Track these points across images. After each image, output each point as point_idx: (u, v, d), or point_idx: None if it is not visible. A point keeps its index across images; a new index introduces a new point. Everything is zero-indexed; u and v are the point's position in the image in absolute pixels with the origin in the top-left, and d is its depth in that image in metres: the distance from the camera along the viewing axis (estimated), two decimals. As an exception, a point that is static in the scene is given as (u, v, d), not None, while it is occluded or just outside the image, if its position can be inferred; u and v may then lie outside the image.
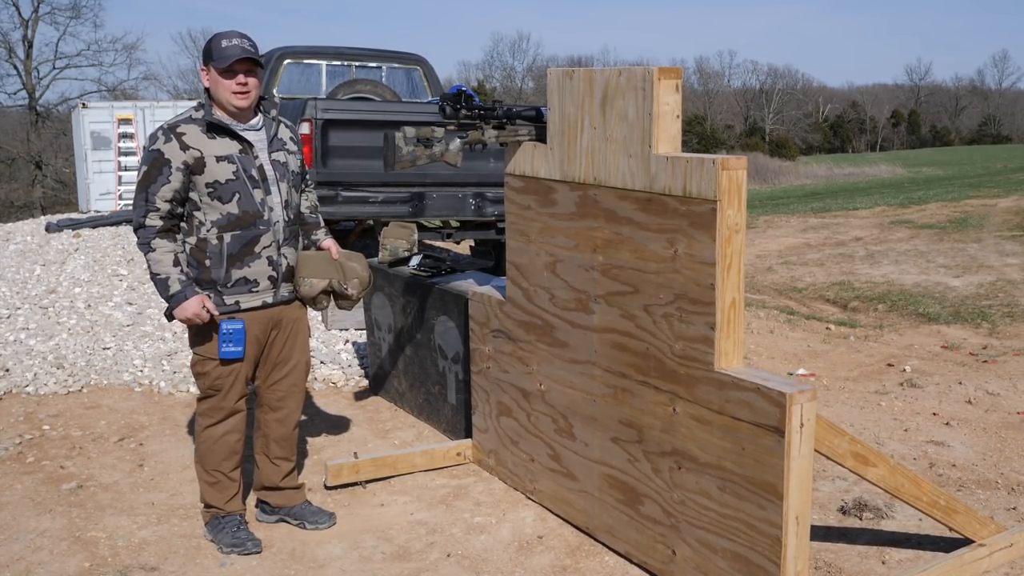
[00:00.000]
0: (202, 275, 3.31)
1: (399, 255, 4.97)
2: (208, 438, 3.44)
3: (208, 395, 3.41)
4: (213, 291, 3.32)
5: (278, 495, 3.65)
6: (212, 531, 3.48)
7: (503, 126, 3.65)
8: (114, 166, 16.79)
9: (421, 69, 8.82)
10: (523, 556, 3.40)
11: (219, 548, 3.42)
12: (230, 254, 3.30)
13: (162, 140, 3.23)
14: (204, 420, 3.44)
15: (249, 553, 3.39)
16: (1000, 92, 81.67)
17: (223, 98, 3.26)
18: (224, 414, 3.43)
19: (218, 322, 3.31)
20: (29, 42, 34.82)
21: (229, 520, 3.47)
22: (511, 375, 3.86)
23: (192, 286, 3.26)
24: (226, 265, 3.30)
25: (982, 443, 4.52)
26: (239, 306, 3.36)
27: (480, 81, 61.84)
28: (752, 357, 6.03)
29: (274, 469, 3.63)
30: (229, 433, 3.45)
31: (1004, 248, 10.61)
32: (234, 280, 3.32)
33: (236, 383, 3.41)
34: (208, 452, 3.45)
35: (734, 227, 2.77)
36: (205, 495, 3.50)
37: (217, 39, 3.25)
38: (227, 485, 3.47)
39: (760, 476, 2.69)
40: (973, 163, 40.33)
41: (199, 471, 3.50)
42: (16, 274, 8.12)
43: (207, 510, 3.51)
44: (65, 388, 5.30)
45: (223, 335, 3.31)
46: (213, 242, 3.28)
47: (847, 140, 71.58)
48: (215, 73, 3.23)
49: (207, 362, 3.37)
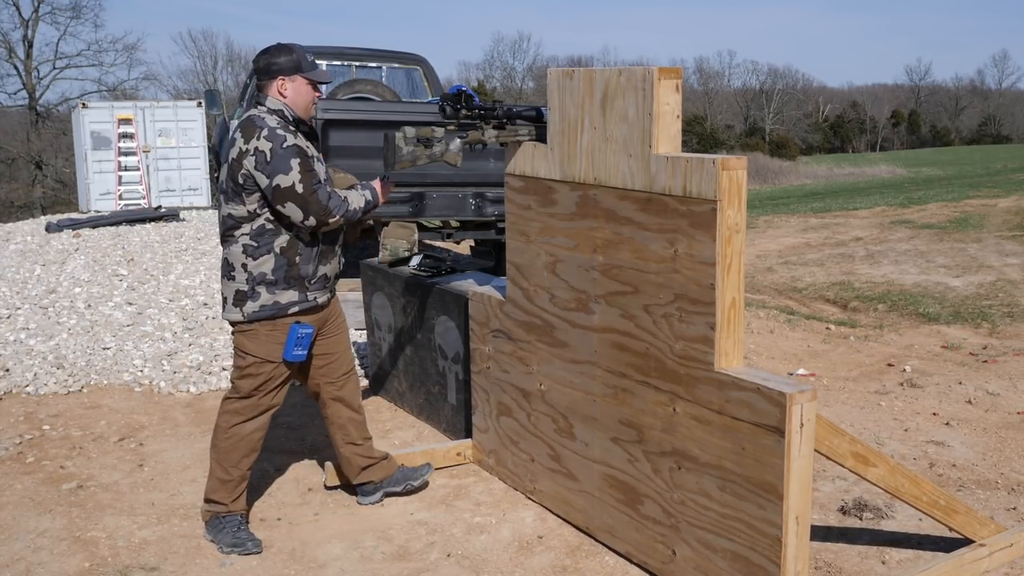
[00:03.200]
0: (290, 272, 3.39)
1: (399, 255, 4.97)
2: (234, 435, 3.48)
3: (249, 396, 3.46)
4: (299, 288, 3.41)
5: (377, 470, 3.80)
6: (212, 531, 3.49)
7: (503, 126, 3.66)
8: (114, 166, 16.81)
9: (421, 69, 8.81)
10: (523, 556, 3.40)
11: (219, 548, 3.42)
12: (321, 251, 3.45)
13: (290, 137, 3.32)
14: (233, 418, 3.48)
15: (249, 553, 3.39)
16: (1000, 92, 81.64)
17: (303, 103, 3.42)
18: (258, 412, 3.50)
19: (290, 324, 3.40)
20: (29, 42, 34.82)
21: (230, 520, 3.48)
22: (511, 375, 3.86)
23: (361, 184, 3.55)
24: (316, 260, 3.43)
25: (982, 443, 4.52)
26: (316, 302, 3.48)
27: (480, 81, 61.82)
28: (752, 357, 6.03)
29: (364, 449, 3.78)
30: (256, 431, 3.52)
31: (1004, 248, 10.61)
32: (318, 276, 3.46)
33: (283, 384, 3.51)
34: (231, 449, 3.48)
35: (734, 227, 2.77)
36: (213, 491, 3.50)
37: (302, 53, 3.41)
38: (239, 483, 3.51)
39: (760, 476, 2.69)
40: (973, 163, 40.32)
41: (214, 467, 3.51)
42: (16, 274, 8.12)
43: (208, 508, 3.52)
44: (65, 388, 5.30)
45: (297, 338, 3.40)
46: (306, 239, 3.40)
47: (847, 140, 71.58)
48: (301, 82, 3.39)
49: (264, 364, 3.43)
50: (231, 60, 51.22)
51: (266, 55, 3.41)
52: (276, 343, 3.40)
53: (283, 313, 3.39)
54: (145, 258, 8.75)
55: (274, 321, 3.40)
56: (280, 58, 3.38)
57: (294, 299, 3.40)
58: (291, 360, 3.43)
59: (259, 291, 3.37)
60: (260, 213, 3.34)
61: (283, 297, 3.39)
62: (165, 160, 17.26)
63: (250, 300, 3.37)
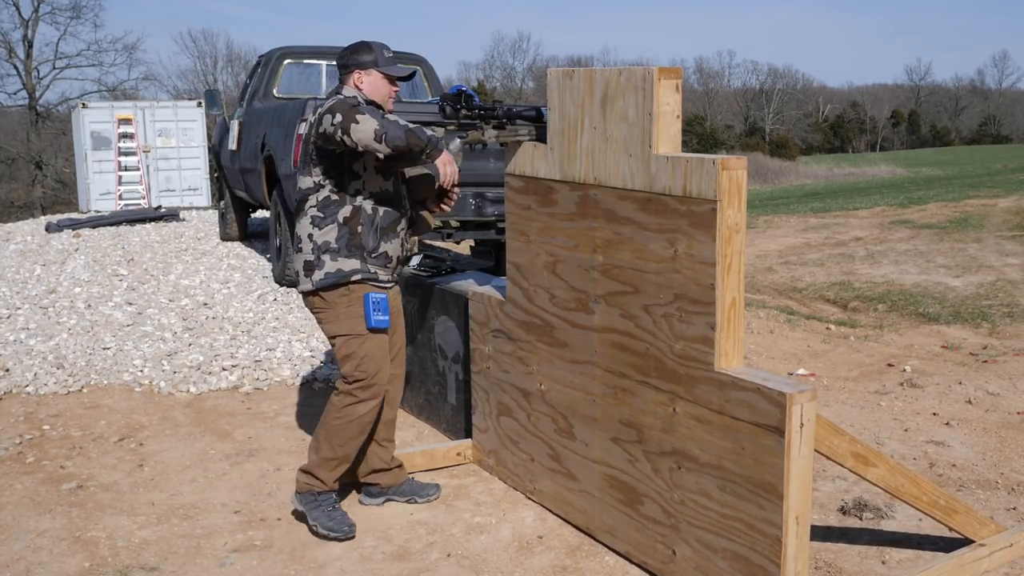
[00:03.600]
0: (352, 241, 3.49)
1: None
2: (346, 415, 3.54)
3: (357, 378, 3.52)
4: (360, 258, 3.50)
5: (387, 475, 3.82)
6: (306, 504, 3.56)
7: (503, 126, 3.66)
8: (114, 166, 16.82)
9: (421, 69, 8.81)
10: (523, 556, 3.40)
11: (314, 528, 3.50)
12: (382, 226, 3.53)
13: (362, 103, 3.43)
14: (347, 399, 3.54)
15: (345, 538, 3.48)
16: (1000, 92, 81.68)
17: (380, 96, 3.58)
18: (370, 394, 3.55)
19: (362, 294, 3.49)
20: (29, 42, 34.83)
21: (325, 498, 3.57)
22: (511, 375, 3.86)
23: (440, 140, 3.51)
24: (376, 234, 3.51)
25: (982, 443, 4.52)
26: (378, 277, 3.55)
27: (480, 81, 61.83)
28: (752, 357, 6.03)
29: (383, 451, 3.80)
30: (367, 414, 3.58)
31: (1004, 248, 10.61)
32: (379, 251, 3.54)
33: (384, 358, 3.58)
34: (341, 429, 3.54)
35: (734, 227, 2.77)
36: (316, 466, 3.56)
37: (380, 50, 3.57)
38: (341, 463, 3.58)
39: (760, 476, 2.69)
40: (973, 163, 40.32)
41: (322, 444, 3.56)
42: (16, 274, 8.12)
43: (307, 481, 3.57)
44: (65, 388, 5.30)
45: (373, 304, 3.49)
46: (368, 211, 3.50)
47: (847, 140, 71.58)
48: (377, 75, 3.55)
49: (353, 340, 3.52)
50: (231, 60, 51.27)
51: (347, 51, 3.58)
52: (356, 316, 3.50)
53: (346, 280, 3.48)
54: (145, 258, 8.75)
55: (349, 296, 3.49)
56: (358, 54, 3.56)
57: (356, 267, 3.50)
58: (375, 326, 3.51)
59: (323, 259, 3.49)
60: (324, 184, 3.48)
61: (345, 265, 3.49)
62: (165, 160, 17.27)
63: (316, 269, 3.50)
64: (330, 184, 3.48)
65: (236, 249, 9.31)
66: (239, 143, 8.61)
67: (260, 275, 7.94)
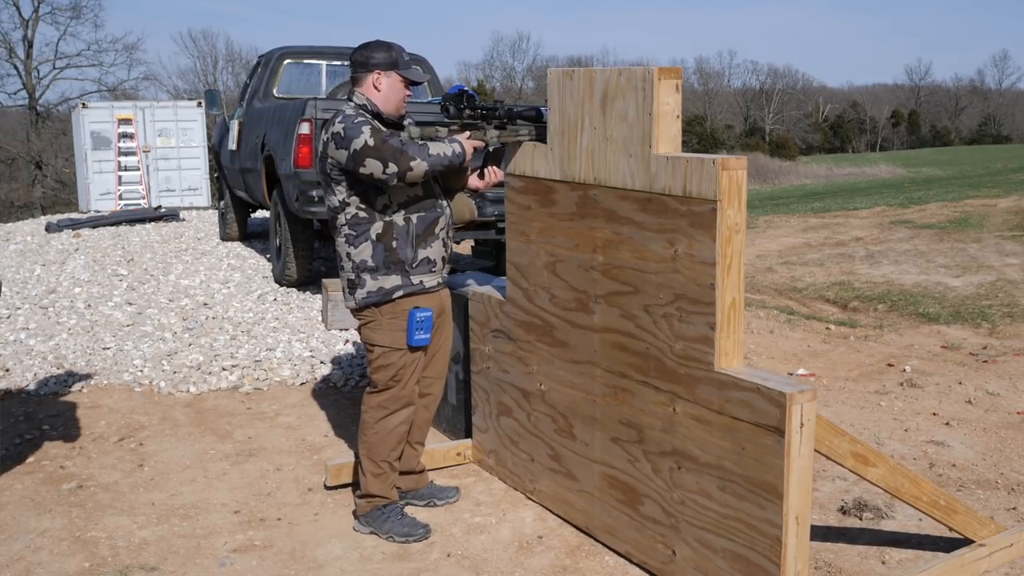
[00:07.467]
0: (389, 257, 3.45)
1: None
2: (381, 429, 3.53)
3: (387, 388, 3.51)
4: (400, 272, 3.46)
5: (411, 479, 3.80)
6: (373, 522, 3.55)
7: (504, 126, 3.66)
8: (114, 166, 16.83)
9: (421, 69, 8.81)
10: (523, 556, 3.40)
11: (389, 537, 3.49)
12: (417, 234, 3.48)
13: (364, 119, 3.37)
14: (378, 412, 3.53)
15: (423, 539, 3.49)
16: (1000, 92, 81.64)
17: (396, 99, 3.50)
18: (401, 404, 3.54)
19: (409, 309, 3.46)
20: (29, 42, 34.84)
21: (391, 509, 3.57)
22: (511, 375, 3.86)
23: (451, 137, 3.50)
24: (413, 244, 3.46)
25: (982, 443, 4.52)
26: (423, 285, 3.51)
27: (480, 81, 61.83)
28: (752, 357, 6.03)
29: (412, 454, 3.78)
30: (403, 423, 3.57)
31: (1004, 248, 10.61)
32: (419, 260, 3.49)
33: (416, 372, 3.55)
34: (380, 443, 3.53)
35: (734, 227, 2.77)
36: (369, 486, 3.56)
37: (400, 52, 3.51)
38: (390, 474, 3.58)
39: (760, 476, 2.69)
40: (973, 163, 40.32)
41: (365, 463, 3.56)
42: (16, 274, 8.13)
43: (368, 502, 3.57)
44: (65, 388, 5.29)
45: (417, 323, 3.45)
46: (400, 223, 3.45)
47: (847, 140, 71.55)
48: (396, 78, 3.48)
49: (392, 353, 3.49)
50: (231, 60, 51.26)
51: (365, 49, 3.49)
52: (399, 330, 3.47)
53: (389, 298, 3.45)
54: (145, 258, 8.75)
55: (394, 309, 3.46)
56: (379, 53, 3.48)
57: (398, 283, 3.46)
58: (415, 345, 3.48)
59: (364, 278, 3.46)
60: (349, 202, 3.43)
61: (387, 283, 3.46)
62: (165, 160, 17.27)
63: (359, 288, 3.47)
64: (356, 201, 3.42)
65: (236, 249, 9.32)
66: (239, 143, 8.61)
67: (260, 275, 7.94)
